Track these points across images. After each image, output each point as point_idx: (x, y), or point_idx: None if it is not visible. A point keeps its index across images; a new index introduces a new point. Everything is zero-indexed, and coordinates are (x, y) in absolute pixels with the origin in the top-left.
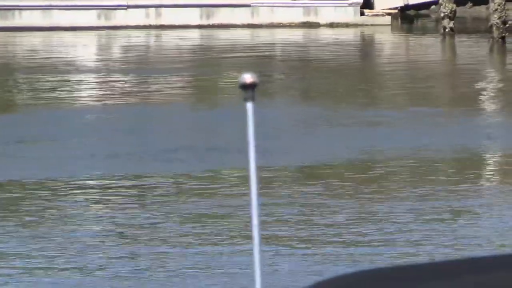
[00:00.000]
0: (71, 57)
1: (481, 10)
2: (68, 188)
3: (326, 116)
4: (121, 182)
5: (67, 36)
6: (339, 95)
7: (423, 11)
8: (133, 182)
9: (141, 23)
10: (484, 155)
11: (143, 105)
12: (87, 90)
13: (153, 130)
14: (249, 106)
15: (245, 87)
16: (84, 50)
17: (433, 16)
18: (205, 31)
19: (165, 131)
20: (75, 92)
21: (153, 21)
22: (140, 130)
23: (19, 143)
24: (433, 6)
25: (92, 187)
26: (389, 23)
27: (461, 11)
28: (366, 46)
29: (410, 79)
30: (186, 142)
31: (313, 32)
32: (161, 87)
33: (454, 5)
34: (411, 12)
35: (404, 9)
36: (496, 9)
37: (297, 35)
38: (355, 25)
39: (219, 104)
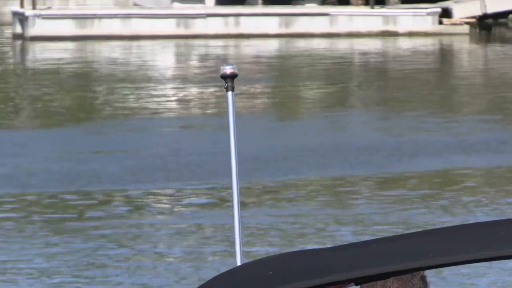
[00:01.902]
0: (149, 66)
1: None
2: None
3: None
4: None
5: (146, 44)
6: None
7: (502, 20)
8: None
9: (220, 32)
10: None
11: (219, 116)
12: (165, 100)
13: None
14: (229, 94)
15: (225, 77)
16: (162, 59)
17: (511, 25)
18: (283, 40)
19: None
20: (152, 102)
21: (232, 30)
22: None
23: (97, 153)
24: (511, 15)
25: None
26: (467, 32)
27: None
28: (446, 55)
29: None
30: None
31: (391, 41)
32: (241, 97)
33: None
34: (489, 21)
35: (482, 18)
36: None
37: (375, 44)
38: (434, 34)
39: (299, 114)
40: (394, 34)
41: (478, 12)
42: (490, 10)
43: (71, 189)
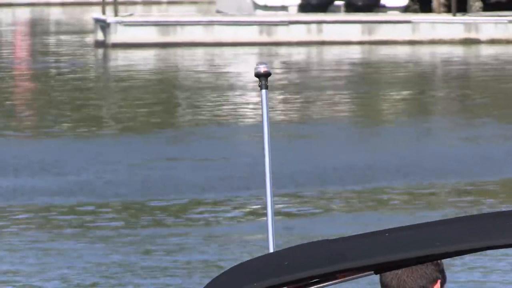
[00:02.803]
0: (232, 73)
1: None
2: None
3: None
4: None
5: (229, 51)
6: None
7: None
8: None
9: (303, 39)
10: None
11: (300, 123)
12: (247, 107)
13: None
14: (264, 92)
15: (260, 75)
16: (245, 66)
17: None
18: (366, 47)
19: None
20: (237, 109)
21: (314, 37)
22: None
23: (172, 160)
24: None
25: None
26: None
27: None
28: None
29: None
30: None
31: (473, 49)
32: (322, 104)
33: None
34: None
35: None
36: None
37: (457, 51)
38: None
39: (382, 121)
40: (476, 42)
41: None
42: None
43: (151, 197)
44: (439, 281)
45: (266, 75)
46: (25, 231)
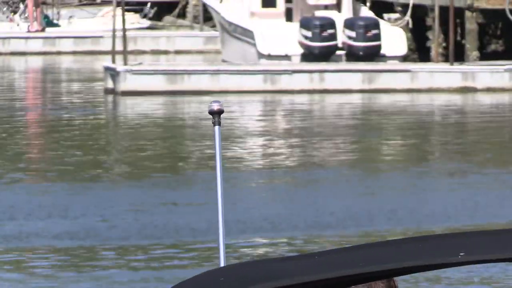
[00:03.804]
0: (237, 120)
1: None
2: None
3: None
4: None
5: (234, 99)
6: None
7: None
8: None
9: (305, 88)
10: None
11: (305, 170)
12: (252, 154)
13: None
14: (216, 129)
15: (213, 113)
16: (250, 113)
17: None
18: (367, 96)
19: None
20: (239, 156)
21: (317, 86)
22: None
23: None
24: None
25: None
26: None
27: None
28: None
29: None
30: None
31: (470, 96)
32: (323, 152)
33: None
34: None
35: None
36: None
37: (455, 99)
38: (511, 90)
39: (381, 170)
40: (473, 90)
41: None
42: None
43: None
44: None
45: (219, 112)
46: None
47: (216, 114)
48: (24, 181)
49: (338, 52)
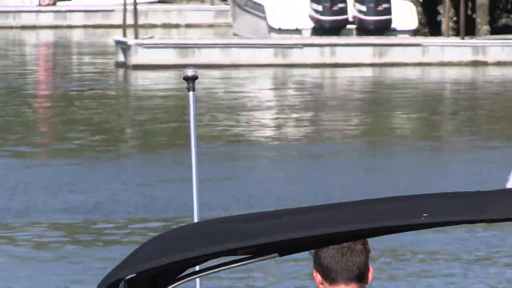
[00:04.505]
0: (249, 94)
1: None
2: None
3: None
4: None
5: (245, 73)
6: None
7: None
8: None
9: (316, 61)
10: None
11: (313, 144)
12: (263, 128)
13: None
14: (191, 94)
15: (188, 79)
16: (261, 87)
17: None
18: (377, 69)
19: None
20: (250, 130)
21: (327, 60)
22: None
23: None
24: None
25: None
26: None
27: None
28: None
29: None
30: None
31: (481, 70)
32: (333, 125)
33: None
34: None
35: None
36: None
37: (466, 73)
38: None
39: (392, 144)
40: (483, 64)
41: None
42: None
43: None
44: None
45: (194, 78)
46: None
47: (191, 80)
48: (35, 156)
49: (349, 26)
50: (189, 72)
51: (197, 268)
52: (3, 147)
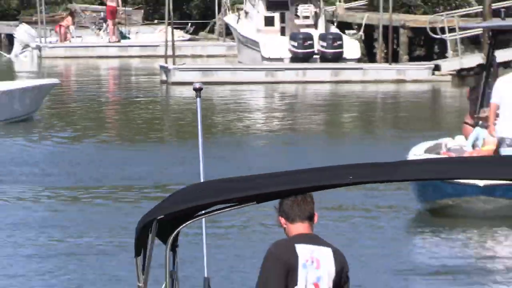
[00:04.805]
0: (249, 102)
1: None
2: None
3: None
4: None
5: (246, 88)
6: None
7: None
8: None
9: (293, 80)
10: None
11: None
12: (257, 123)
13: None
14: (198, 100)
15: (196, 89)
16: (257, 97)
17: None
18: (334, 85)
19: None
20: (250, 123)
21: (300, 79)
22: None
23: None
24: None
25: None
26: (450, 80)
27: None
28: (435, 96)
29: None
30: None
31: (402, 86)
32: (304, 122)
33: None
34: (464, 73)
35: (459, 71)
36: None
37: (392, 88)
38: (429, 81)
39: (342, 134)
40: (404, 81)
41: (457, 67)
42: (465, 65)
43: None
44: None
45: (200, 89)
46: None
47: (198, 90)
48: (110, 140)
49: (315, 56)
50: (197, 85)
51: (202, 212)
52: (89, 136)
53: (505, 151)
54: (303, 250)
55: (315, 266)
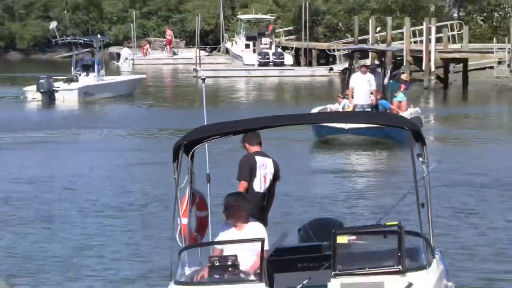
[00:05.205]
0: (233, 90)
1: None
2: None
3: None
4: None
5: (236, 80)
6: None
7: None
8: None
9: (258, 75)
10: None
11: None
12: (241, 97)
13: None
14: (203, 85)
15: (202, 79)
16: (240, 86)
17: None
18: (279, 79)
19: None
20: (236, 96)
21: (262, 75)
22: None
23: None
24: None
25: None
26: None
27: None
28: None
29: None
30: None
31: (313, 78)
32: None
33: None
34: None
35: (342, 70)
36: None
37: (306, 80)
38: (327, 76)
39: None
40: (314, 76)
41: (341, 68)
42: (343, 67)
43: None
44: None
45: (204, 78)
46: None
47: (203, 79)
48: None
49: (270, 64)
50: (202, 76)
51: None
52: (162, 103)
53: (359, 111)
54: (258, 159)
55: (264, 167)
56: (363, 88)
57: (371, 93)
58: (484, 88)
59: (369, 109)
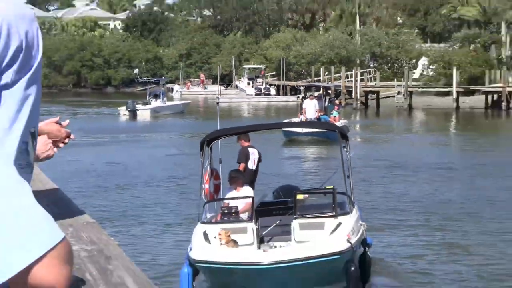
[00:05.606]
0: (238, 108)
1: None
2: None
3: None
4: None
5: (241, 104)
6: None
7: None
8: None
9: (254, 101)
10: None
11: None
12: (244, 114)
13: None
14: (218, 107)
15: (217, 103)
16: (244, 108)
17: None
18: (265, 104)
19: None
20: (239, 114)
21: (255, 100)
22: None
23: None
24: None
25: None
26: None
27: None
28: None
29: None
30: None
31: (287, 103)
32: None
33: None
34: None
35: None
36: None
37: (282, 104)
38: (296, 101)
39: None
40: (288, 101)
41: (302, 95)
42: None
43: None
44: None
45: (218, 103)
46: None
47: (217, 103)
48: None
49: (262, 94)
50: (217, 101)
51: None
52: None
53: (309, 121)
54: (249, 150)
55: (253, 154)
56: (311, 109)
57: (316, 111)
58: (389, 109)
59: (315, 121)
